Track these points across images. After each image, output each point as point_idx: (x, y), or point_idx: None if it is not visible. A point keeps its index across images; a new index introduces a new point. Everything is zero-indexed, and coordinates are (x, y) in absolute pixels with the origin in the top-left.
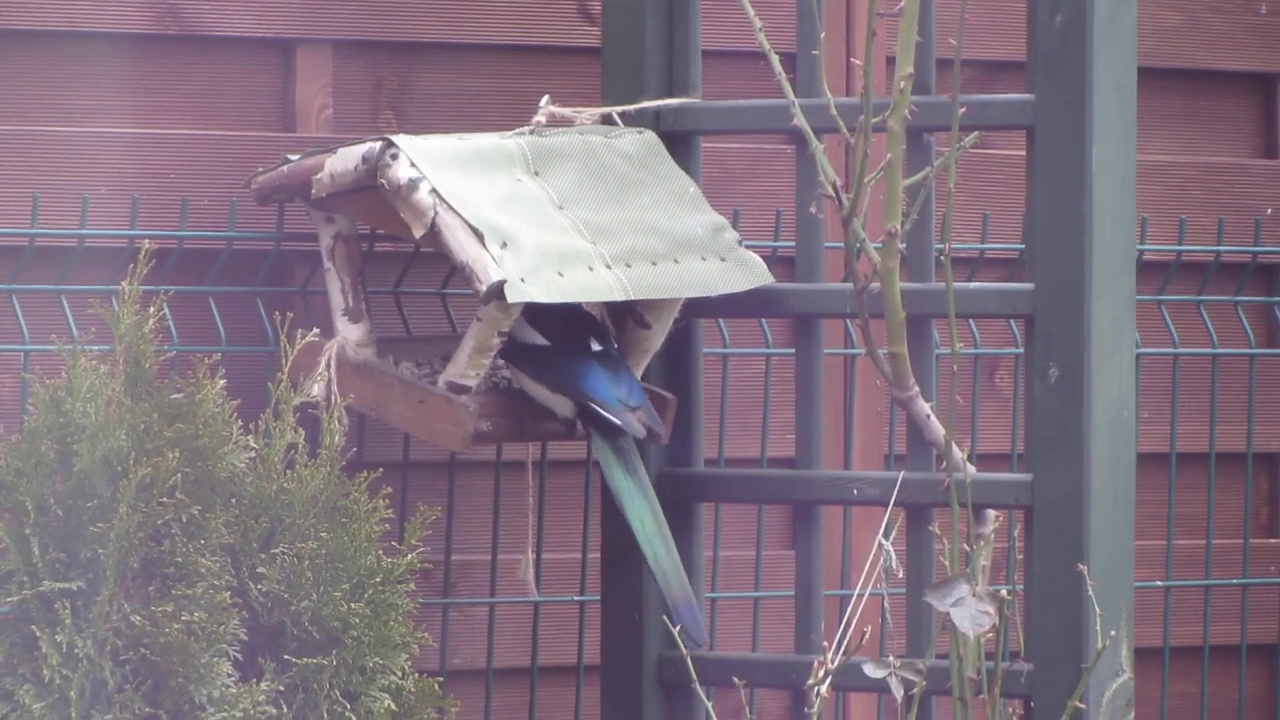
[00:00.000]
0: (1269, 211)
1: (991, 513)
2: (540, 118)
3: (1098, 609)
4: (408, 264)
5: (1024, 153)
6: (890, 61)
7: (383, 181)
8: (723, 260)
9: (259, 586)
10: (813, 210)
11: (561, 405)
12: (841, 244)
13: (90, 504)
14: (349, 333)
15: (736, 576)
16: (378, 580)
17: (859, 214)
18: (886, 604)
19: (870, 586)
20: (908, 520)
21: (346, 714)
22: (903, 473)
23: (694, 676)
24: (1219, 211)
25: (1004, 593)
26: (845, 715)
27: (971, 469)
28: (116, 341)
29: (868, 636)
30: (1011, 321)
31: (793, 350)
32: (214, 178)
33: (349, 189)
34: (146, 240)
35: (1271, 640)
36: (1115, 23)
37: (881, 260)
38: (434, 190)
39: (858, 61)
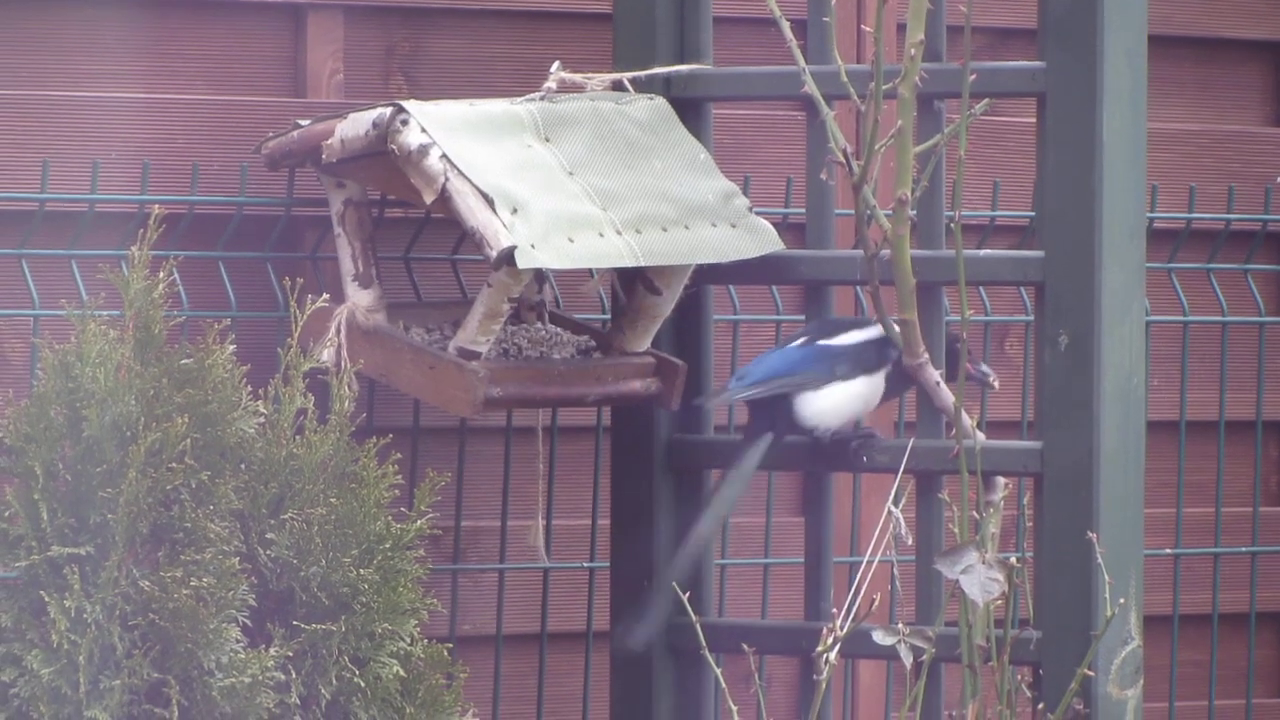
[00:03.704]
0: (1279, 179)
1: (1001, 480)
2: (551, 84)
3: (1107, 576)
4: (418, 230)
5: (1034, 120)
6: (901, 28)
7: (393, 147)
8: (733, 227)
9: (268, 552)
10: (823, 177)
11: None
12: (852, 211)
13: (99, 469)
14: (359, 298)
15: (746, 544)
16: (387, 546)
17: (869, 181)
18: (896, 571)
19: (880, 554)
20: (917, 488)
21: (355, 680)
22: (912, 440)
23: (703, 643)
24: (1229, 179)
25: (1013, 560)
26: (854, 682)
27: (981, 436)
28: (126, 306)
29: (877, 604)
30: (1022, 289)
31: (803, 317)
32: (224, 143)
33: (359, 154)
34: (157, 205)
35: None
36: None
37: (892, 227)
38: (444, 156)
39: (868, 28)
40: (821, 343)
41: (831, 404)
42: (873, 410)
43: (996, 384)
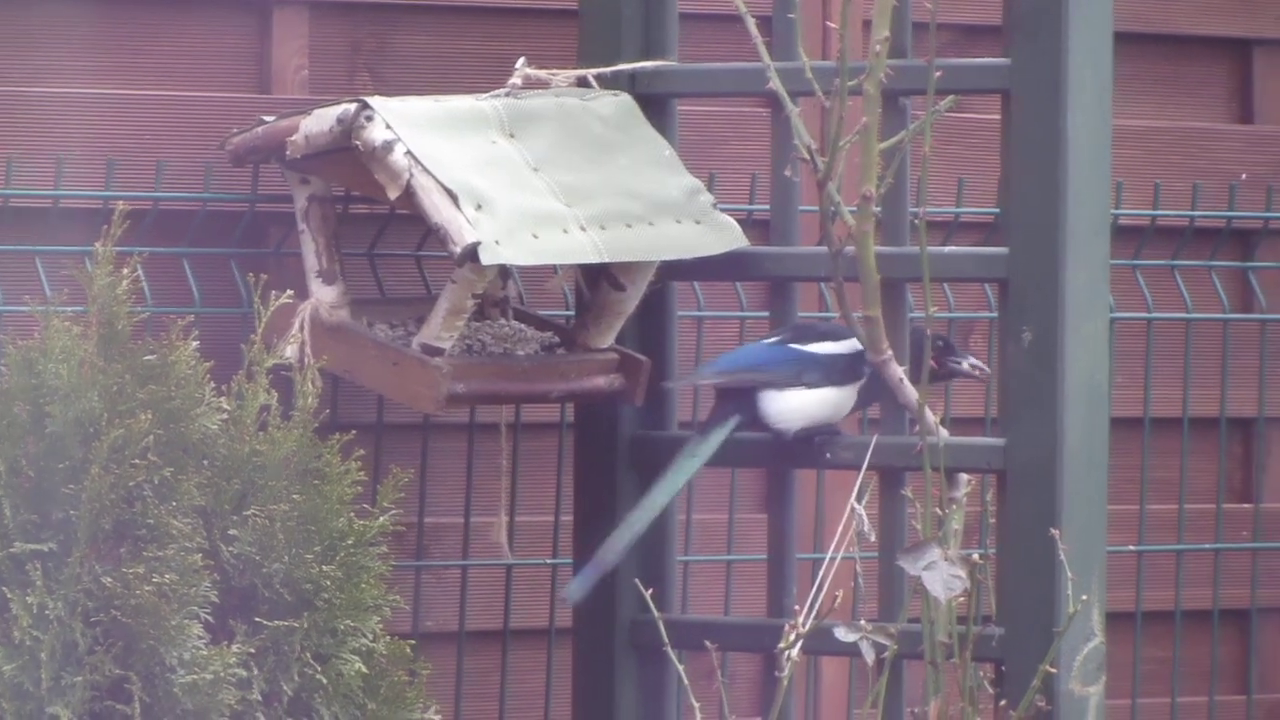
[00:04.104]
0: (1244, 176)
1: (964, 477)
2: (516, 80)
3: (1070, 573)
4: (382, 226)
5: (1000, 116)
6: (866, 25)
7: (358, 143)
8: (698, 223)
9: (231, 549)
10: (788, 174)
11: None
12: (817, 207)
13: (63, 465)
14: (323, 294)
15: (709, 540)
16: (350, 543)
17: (834, 177)
18: (859, 568)
19: (843, 550)
20: (881, 484)
21: (317, 676)
22: (876, 436)
23: (665, 639)
24: (1194, 176)
25: (976, 557)
26: (817, 679)
27: (944, 433)
28: (90, 303)
29: (840, 600)
30: (986, 285)
31: (767, 313)
32: (189, 139)
33: (324, 151)
34: (121, 201)
35: (1244, 605)
36: None
37: (856, 224)
38: (409, 152)
39: (834, 25)
40: (794, 346)
41: (796, 405)
42: (839, 420)
43: (987, 372)
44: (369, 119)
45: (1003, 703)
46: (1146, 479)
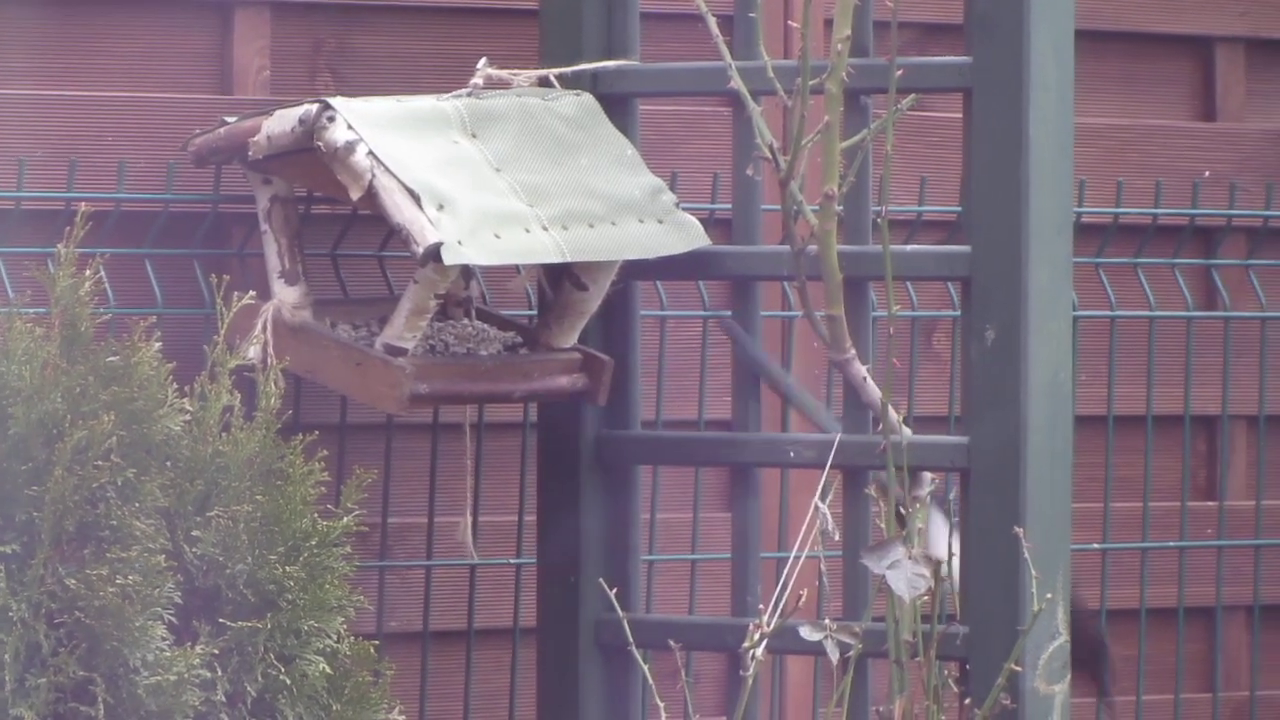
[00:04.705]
0: (1207, 174)
1: (928, 475)
2: (478, 80)
3: (1034, 571)
4: (345, 226)
5: (961, 115)
6: (828, 24)
7: (320, 144)
8: (660, 222)
9: (194, 550)
10: (750, 173)
11: None
12: (779, 206)
13: (25, 467)
14: (285, 295)
15: (674, 539)
16: (313, 543)
17: (796, 176)
18: (823, 566)
19: (807, 549)
20: (844, 483)
21: (281, 677)
22: (839, 435)
23: (630, 639)
24: (1157, 174)
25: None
26: (782, 678)
27: (908, 431)
28: (53, 304)
29: (804, 599)
30: (949, 284)
31: (729, 313)
32: (151, 140)
33: (286, 151)
34: (83, 202)
35: (1209, 603)
36: None
37: (819, 222)
38: (371, 152)
39: (795, 24)
40: None
41: None
42: None
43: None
44: (331, 119)
45: (967, 701)
46: (1111, 477)
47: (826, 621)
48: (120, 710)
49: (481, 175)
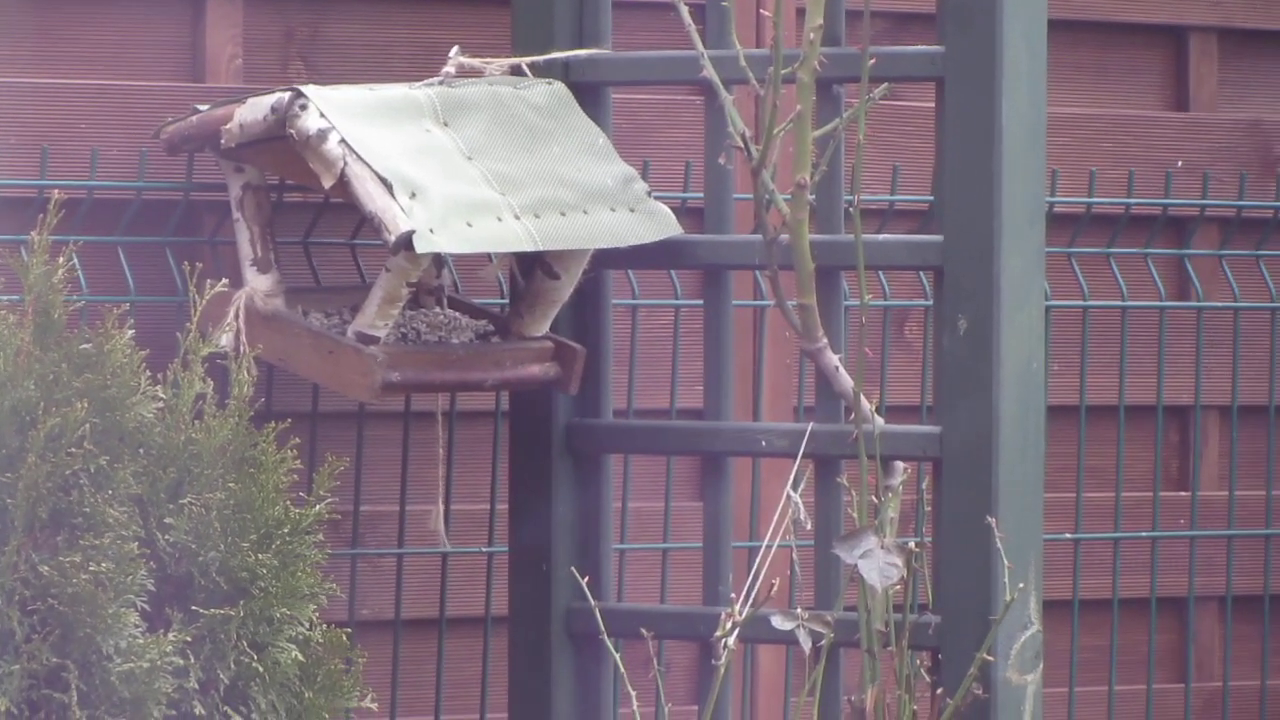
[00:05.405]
0: (1179, 164)
1: (900, 465)
2: (450, 69)
3: (1006, 561)
4: (317, 215)
5: (934, 104)
6: (800, 13)
7: (292, 132)
8: (632, 211)
9: (167, 537)
10: (722, 161)
11: None
12: (751, 195)
13: None
14: (257, 283)
15: (645, 528)
16: (285, 531)
17: (768, 165)
18: (795, 556)
19: (778, 538)
20: (816, 472)
21: (254, 665)
22: (811, 424)
23: (602, 628)
24: (1129, 164)
25: (912, 545)
26: (754, 667)
27: (880, 421)
28: (26, 292)
29: (776, 589)
30: (921, 274)
31: (701, 302)
32: (124, 128)
33: (258, 139)
34: (56, 190)
35: (1181, 593)
36: None
37: (790, 212)
38: (343, 141)
39: (767, 13)
40: None
41: None
42: None
43: None
44: (303, 108)
45: (939, 691)
46: (1083, 466)
47: (798, 611)
48: (93, 697)
49: (453, 164)
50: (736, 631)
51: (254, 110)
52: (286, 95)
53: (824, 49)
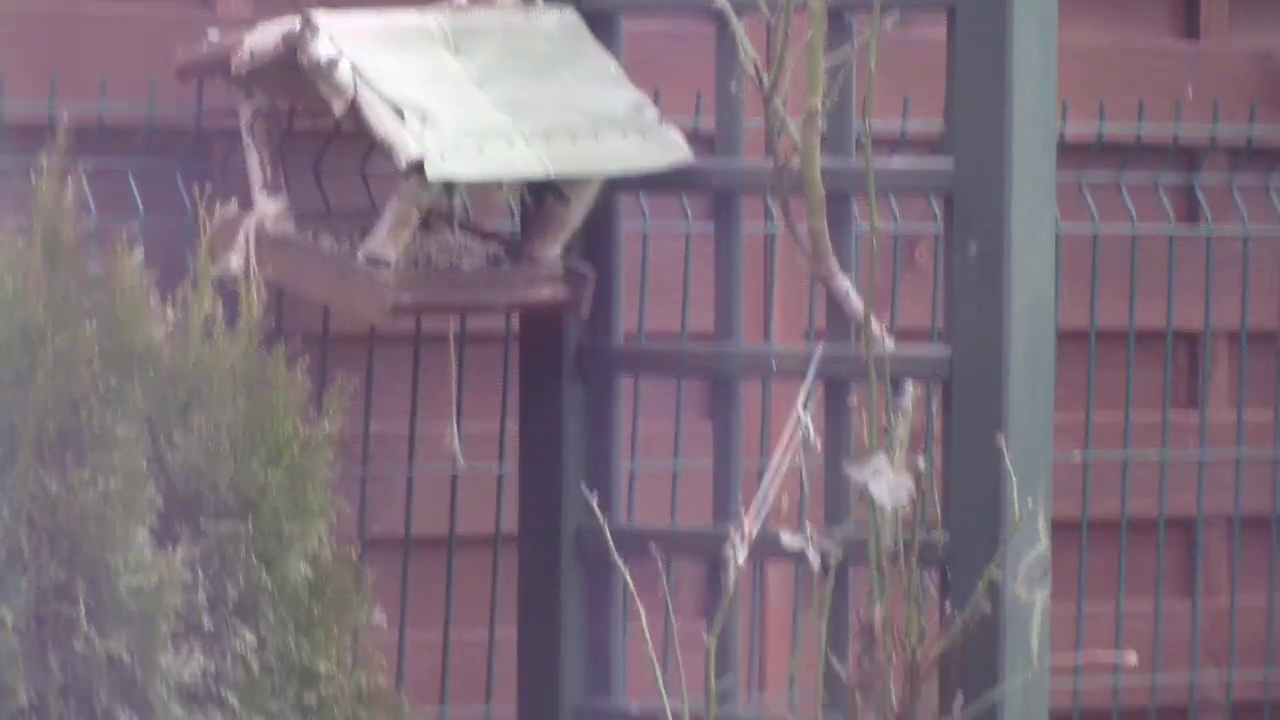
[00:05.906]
0: (1190, 94)
1: (909, 385)
2: None
3: (1015, 479)
4: (327, 141)
5: (945, 33)
6: None
7: (302, 59)
8: (643, 137)
9: (176, 456)
10: (733, 88)
11: None
12: (761, 124)
13: (7, 374)
14: (267, 206)
15: (655, 449)
16: (295, 448)
17: (780, 92)
18: (804, 476)
19: (788, 458)
20: (826, 394)
21: (263, 580)
22: (821, 345)
23: (612, 546)
24: (1140, 93)
25: (921, 464)
26: (763, 585)
27: (890, 343)
28: (35, 214)
29: (785, 508)
30: (932, 199)
31: (713, 228)
32: (134, 55)
33: (269, 66)
34: (65, 115)
35: (1190, 514)
36: None
37: (802, 138)
38: (354, 67)
39: None
40: None
41: None
42: None
43: None
44: (313, 35)
45: (947, 608)
46: (1093, 388)
47: (808, 529)
48: (101, 611)
49: (464, 90)
50: (746, 549)
51: (264, 37)
52: (297, 22)
53: None
